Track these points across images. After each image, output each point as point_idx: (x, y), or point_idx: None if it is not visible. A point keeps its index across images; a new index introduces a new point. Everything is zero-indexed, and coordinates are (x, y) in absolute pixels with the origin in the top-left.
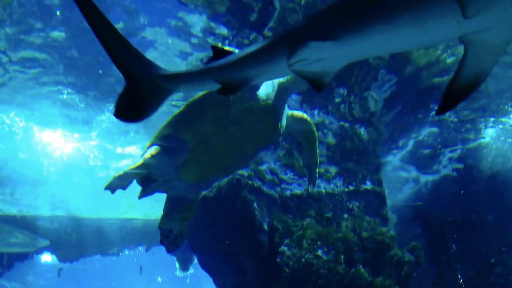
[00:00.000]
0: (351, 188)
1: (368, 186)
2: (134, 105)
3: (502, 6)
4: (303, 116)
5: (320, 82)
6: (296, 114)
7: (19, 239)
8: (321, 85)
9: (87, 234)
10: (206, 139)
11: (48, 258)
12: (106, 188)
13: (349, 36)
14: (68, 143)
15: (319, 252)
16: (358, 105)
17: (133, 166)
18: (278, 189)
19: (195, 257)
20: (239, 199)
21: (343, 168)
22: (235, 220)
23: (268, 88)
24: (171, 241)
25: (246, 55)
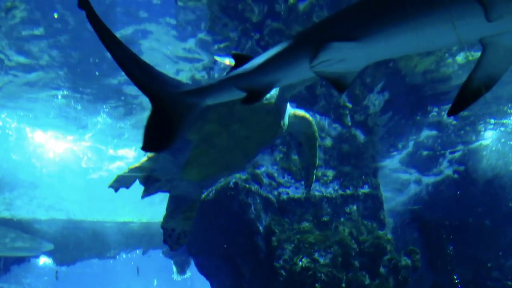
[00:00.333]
0: (348, 192)
1: (365, 190)
2: (164, 129)
3: None
4: (305, 115)
5: (342, 82)
6: (298, 113)
7: (24, 243)
8: (343, 86)
9: (84, 238)
10: (209, 138)
11: (45, 261)
12: (110, 187)
13: (371, 37)
14: (62, 145)
15: (316, 256)
16: (358, 111)
17: (137, 164)
18: (276, 192)
19: (192, 260)
20: (236, 202)
21: (340, 172)
22: (232, 224)
23: None
24: (174, 240)
25: (268, 59)
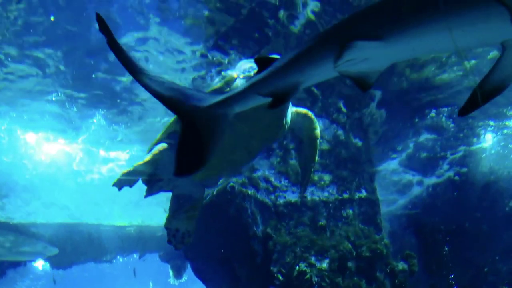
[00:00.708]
0: (345, 196)
1: (362, 194)
2: (198, 147)
3: None
4: (307, 113)
5: (366, 82)
6: (300, 110)
7: (29, 247)
8: (367, 85)
9: (80, 241)
10: None
11: (41, 265)
12: (114, 185)
13: (395, 36)
14: (55, 147)
15: (312, 260)
16: (355, 115)
17: (141, 162)
18: (272, 196)
19: (188, 265)
20: (233, 206)
21: (337, 176)
22: (229, 228)
23: None
24: (179, 240)
25: (291, 60)
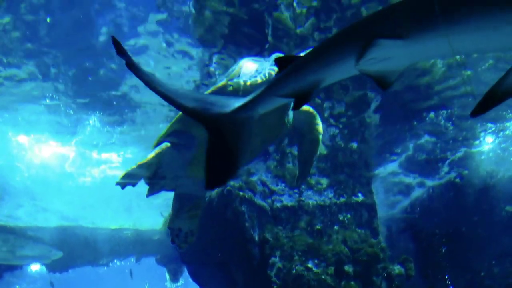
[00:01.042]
0: (342, 200)
1: (359, 198)
2: (226, 155)
3: None
4: (309, 110)
5: (386, 80)
6: (302, 107)
7: (34, 251)
8: (387, 84)
9: (76, 245)
10: None
11: (37, 268)
12: (117, 184)
13: (420, 35)
14: (48, 149)
15: (309, 264)
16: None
17: (144, 160)
18: (269, 200)
19: (185, 268)
20: (230, 210)
21: (335, 180)
22: (225, 231)
23: None
24: (182, 239)
25: (312, 58)
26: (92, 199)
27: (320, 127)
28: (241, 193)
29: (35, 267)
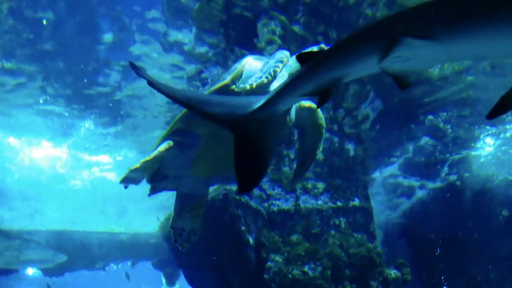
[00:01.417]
0: (338, 204)
1: (356, 202)
2: (254, 155)
3: None
4: (311, 105)
5: (406, 80)
6: (304, 104)
7: (38, 255)
8: (406, 84)
9: (72, 248)
10: (217, 133)
11: (33, 272)
12: (121, 182)
13: (448, 37)
14: (40, 151)
15: (305, 268)
16: (349, 123)
17: (147, 158)
18: (266, 204)
19: (181, 272)
20: (226, 214)
21: (331, 184)
22: (222, 235)
23: (279, 82)
24: (185, 239)
25: (335, 54)
26: (84, 201)
27: (323, 121)
28: (237, 197)
29: (31, 271)
